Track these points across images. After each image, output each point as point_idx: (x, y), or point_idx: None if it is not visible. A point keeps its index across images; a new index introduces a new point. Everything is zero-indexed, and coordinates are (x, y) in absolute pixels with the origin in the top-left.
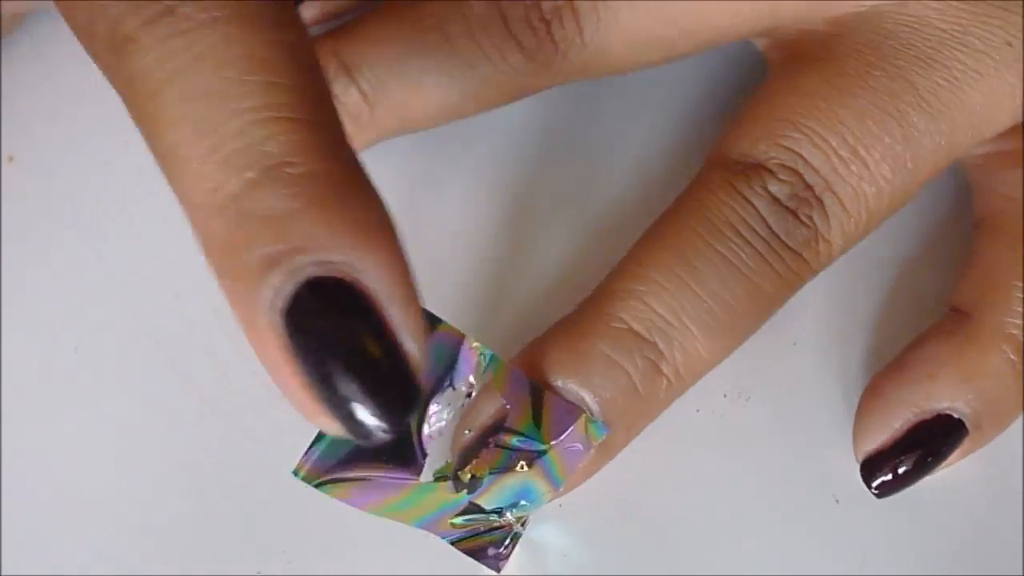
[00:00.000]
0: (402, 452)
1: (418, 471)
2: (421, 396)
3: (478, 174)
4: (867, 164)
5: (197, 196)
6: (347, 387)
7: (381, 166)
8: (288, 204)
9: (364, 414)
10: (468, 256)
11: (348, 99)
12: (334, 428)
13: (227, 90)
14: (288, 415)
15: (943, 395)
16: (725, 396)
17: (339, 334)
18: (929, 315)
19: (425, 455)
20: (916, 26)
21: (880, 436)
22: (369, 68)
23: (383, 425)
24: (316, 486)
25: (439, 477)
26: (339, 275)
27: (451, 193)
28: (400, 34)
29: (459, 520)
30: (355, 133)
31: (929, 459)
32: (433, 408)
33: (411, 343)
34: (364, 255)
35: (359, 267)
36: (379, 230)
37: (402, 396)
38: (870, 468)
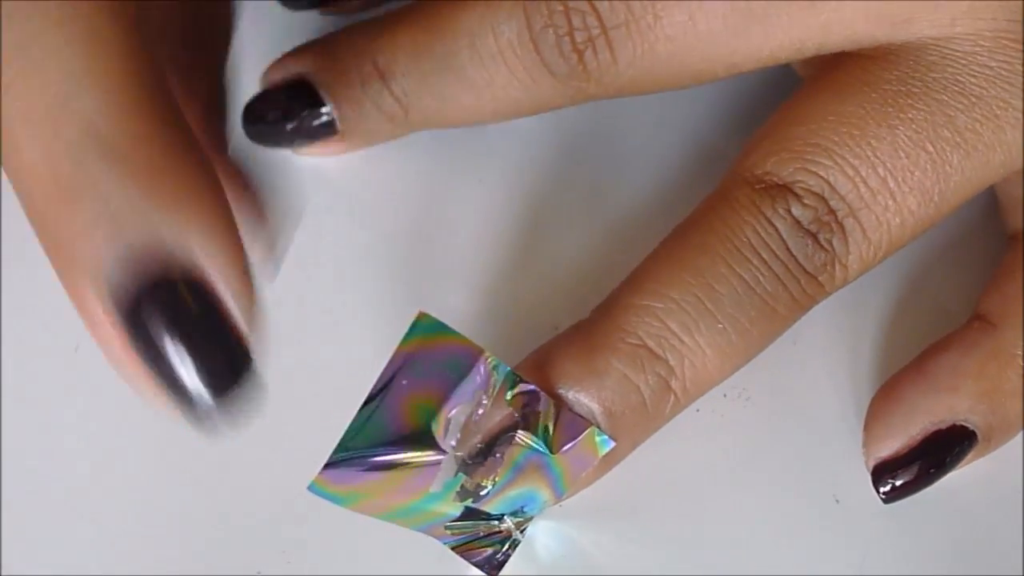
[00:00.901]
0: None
1: (429, 481)
2: (251, 368)
3: (493, 178)
4: (894, 196)
5: (13, 160)
6: (176, 358)
7: (393, 167)
8: (111, 169)
9: (191, 383)
10: (480, 259)
11: (383, 102)
12: (162, 402)
13: (55, 52)
14: (288, 416)
15: (963, 408)
16: (725, 396)
17: (172, 316)
18: (928, 317)
19: (436, 464)
20: (964, 62)
21: (896, 443)
22: (403, 77)
23: (207, 394)
24: (336, 500)
25: (448, 487)
26: (176, 267)
27: (465, 196)
28: (435, 47)
29: (459, 525)
30: (392, 130)
31: (934, 469)
32: (447, 420)
33: (239, 316)
34: (190, 225)
35: (186, 238)
36: (207, 197)
37: (228, 366)
38: (881, 474)
